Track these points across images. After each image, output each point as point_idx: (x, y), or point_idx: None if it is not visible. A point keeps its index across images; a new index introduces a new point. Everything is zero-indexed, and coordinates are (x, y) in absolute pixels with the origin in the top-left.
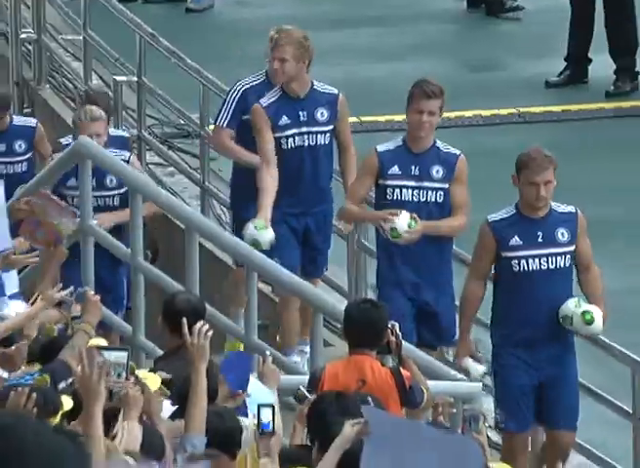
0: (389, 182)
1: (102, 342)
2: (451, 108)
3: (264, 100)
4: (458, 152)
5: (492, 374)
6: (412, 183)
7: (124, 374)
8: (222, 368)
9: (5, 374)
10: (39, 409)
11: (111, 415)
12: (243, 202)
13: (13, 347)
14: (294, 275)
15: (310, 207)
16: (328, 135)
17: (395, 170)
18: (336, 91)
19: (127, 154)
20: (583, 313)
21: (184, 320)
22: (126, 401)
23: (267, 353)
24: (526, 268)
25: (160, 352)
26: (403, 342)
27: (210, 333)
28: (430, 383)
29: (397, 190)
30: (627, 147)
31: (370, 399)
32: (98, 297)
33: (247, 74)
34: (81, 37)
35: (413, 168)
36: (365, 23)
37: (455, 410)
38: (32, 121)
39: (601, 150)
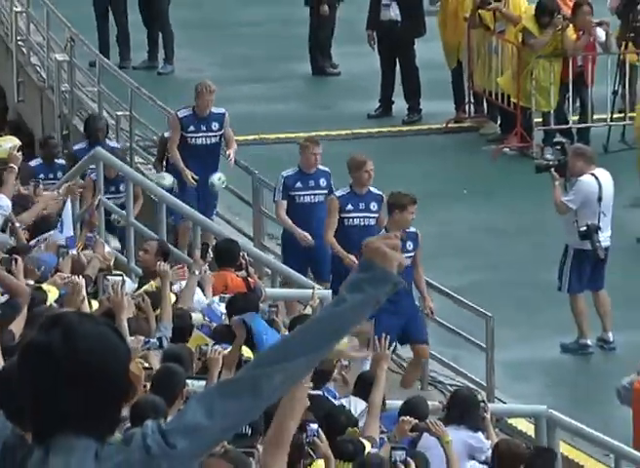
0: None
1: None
2: (310, 130)
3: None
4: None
5: None
6: None
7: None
8: None
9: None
10: None
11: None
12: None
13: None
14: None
15: None
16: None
17: None
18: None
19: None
20: None
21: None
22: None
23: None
24: None
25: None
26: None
27: (167, 268)
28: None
29: None
30: (416, 153)
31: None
32: (101, 240)
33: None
34: (96, 89)
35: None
36: (259, 81)
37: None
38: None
39: (401, 155)
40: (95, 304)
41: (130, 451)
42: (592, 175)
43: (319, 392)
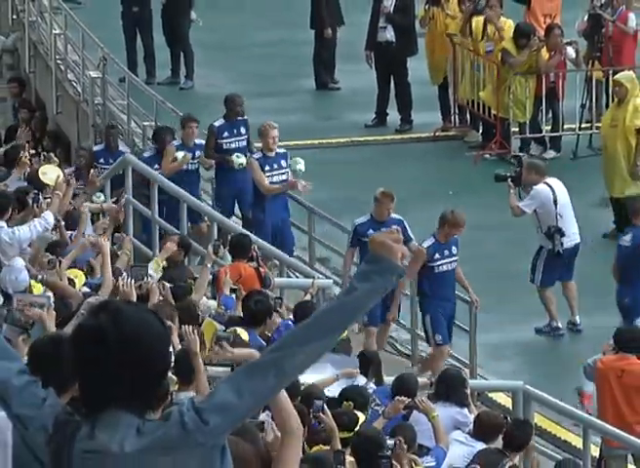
0: None
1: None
2: (314, 138)
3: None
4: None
5: None
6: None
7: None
8: None
9: None
10: None
11: None
12: None
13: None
14: (232, 223)
15: None
16: None
17: None
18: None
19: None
20: None
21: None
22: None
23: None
24: None
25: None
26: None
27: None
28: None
29: None
30: (408, 158)
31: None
32: (129, 237)
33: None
34: (126, 102)
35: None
36: (269, 95)
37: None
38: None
39: (394, 160)
40: None
41: (168, 427)
42: (545, 183)
43: None
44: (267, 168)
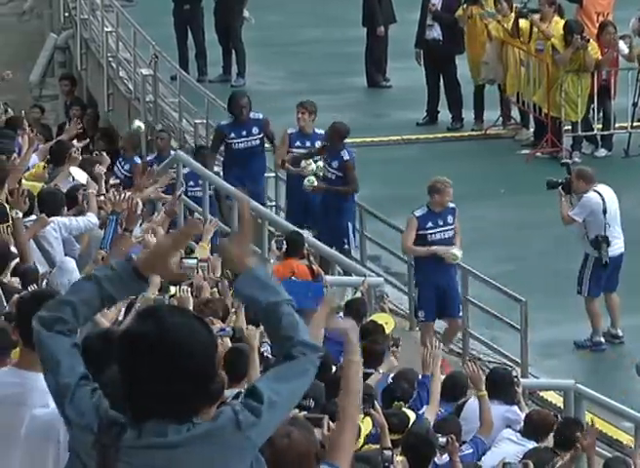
0: None
1: None
2: (365, 136)
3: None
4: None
5: None
6: None
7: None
8: None
9: None
10: None
11: None
12: None
13: None
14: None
15: None
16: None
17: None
18: None
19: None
20: None
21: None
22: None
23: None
24: None
25: None
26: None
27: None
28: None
29: None
30: (459, 157)
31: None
32: None
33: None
34: (177, 100)
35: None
36: (320, 93)
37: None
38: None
39: (445, 158)
40: (172, 289)
41: (220, 425)
42: (595, 191)
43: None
44: (430, 224)
